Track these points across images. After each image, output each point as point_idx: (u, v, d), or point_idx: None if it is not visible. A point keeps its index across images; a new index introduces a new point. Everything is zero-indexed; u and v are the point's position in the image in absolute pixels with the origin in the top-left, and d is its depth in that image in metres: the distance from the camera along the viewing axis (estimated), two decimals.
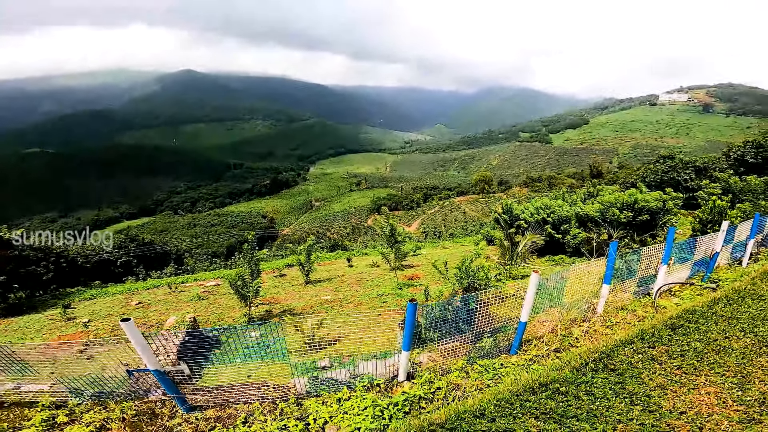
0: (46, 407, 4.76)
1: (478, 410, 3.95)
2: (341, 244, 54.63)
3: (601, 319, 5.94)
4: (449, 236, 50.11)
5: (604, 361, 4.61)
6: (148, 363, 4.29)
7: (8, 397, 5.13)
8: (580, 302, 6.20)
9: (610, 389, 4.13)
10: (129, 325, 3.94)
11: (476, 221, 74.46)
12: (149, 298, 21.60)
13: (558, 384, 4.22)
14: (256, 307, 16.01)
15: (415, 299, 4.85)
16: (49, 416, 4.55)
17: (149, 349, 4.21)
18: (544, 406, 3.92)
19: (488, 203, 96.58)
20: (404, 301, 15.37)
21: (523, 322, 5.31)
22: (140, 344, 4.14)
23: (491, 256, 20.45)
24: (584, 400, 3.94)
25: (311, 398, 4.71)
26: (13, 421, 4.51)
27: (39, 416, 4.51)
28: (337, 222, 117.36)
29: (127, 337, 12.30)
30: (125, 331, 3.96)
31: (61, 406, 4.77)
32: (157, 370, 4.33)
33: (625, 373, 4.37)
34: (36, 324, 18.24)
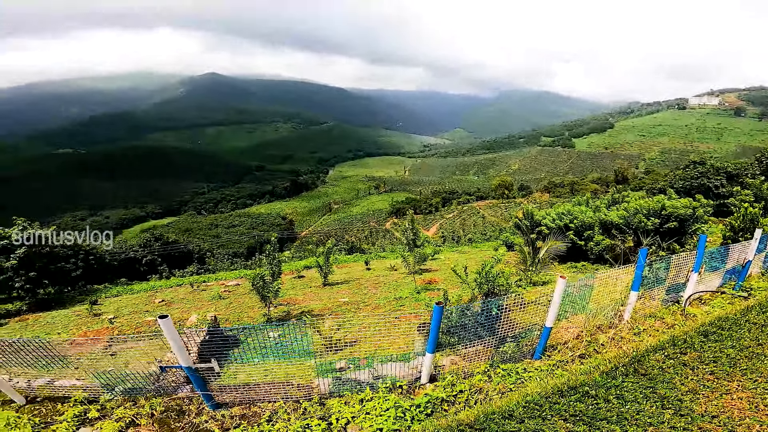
0: (79, 402, 4.85)
1: (506, 411, 3.99)
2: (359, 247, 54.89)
3: (628, 326, 5.88)
4: (468, 241, 49.67)
5: (635, 365, 4.62)
6: (181, 360, 4.35)
7: (41, 392, 5.24)
8: (607, 309, 6.16)
9: (641, 393, 4.13)
10: (166, 322, 4.02)
11: (495, 226, 73.59)
12: (172, 296, 22.16)
13: (587, 387, 4.25)
14: (275, 308, 16.22)
15: (442, 302, 4.88)
16: (81, 411, 4.63)
17: (183, 347, 4.29)
18: (573, 408, 3.94)
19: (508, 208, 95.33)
20: (422, 305, 15.31)
21: (548, 328, 5.28)
22: (175, 341, 4.20)
23: (511, 262, 20.16)
24: (614, 403, 3.97)
25: (334, 398, 4.75)
26: (46, 416, 4.62)
27: (71, 411, 4.61)
28: (356, 225, 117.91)
29: (149, 335, 12.58)
30: (162, 328, 4.02)
31: (93, 402, 4.85)
32: (189, 367, 4.40)
33: (657, 378, 4.37)
34: (63, 319, 18.94)
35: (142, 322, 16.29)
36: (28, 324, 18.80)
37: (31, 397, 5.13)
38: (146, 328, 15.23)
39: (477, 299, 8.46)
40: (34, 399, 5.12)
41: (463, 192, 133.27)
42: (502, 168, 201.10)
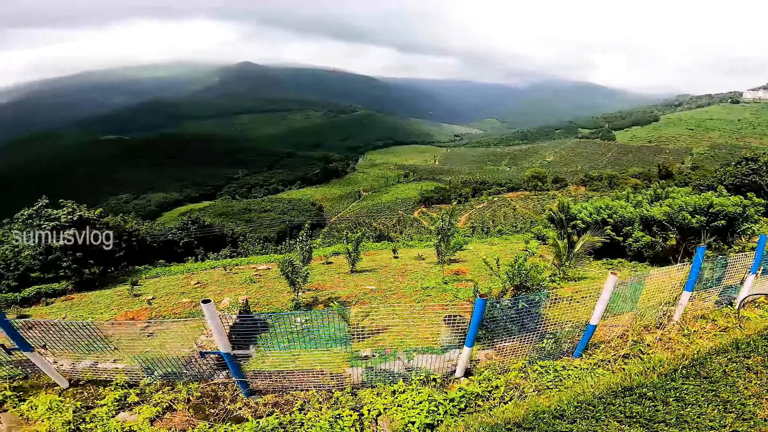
0: (120, 386, 4.95)
1: (557, 411, 3.91)
2: (387, 235, 55.03)
3: (677, 327, 5.63)
4: (497, 233, 48.68)
5: (696, 368, 4.50)
6: (220, 345, 4.37)
7: (84, 374, 5.33)
8: (656, 308, 5.91)
9: (702, 396, 4.03)
10: (209, 306, 4.03)
11: (527, 219, 71.76)
12: (206, 278, 23.01)
13: (645, 389, 4.15)
14: (303, 293, 16.48)
15: (486, 295, 4.78)
16: (121, 395, 4.73)
17: (224, 332, 4.30)
18: (630, 410, 3.86)
19: (541, 201, 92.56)
20: (449, 295, 15.13)
21: (593, 325, 5.09)
22: (216, 326, 4.21)
23: (544, 256, 19.56)
24: (673, 405, 3.89)
25: (366, 388, 4.74)
26: (87, 399, 4.73)
27: (112, 395, 4.71)
28: (384, 213, 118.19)
29: (184, 319, 13.01)
30: (204, 312, 4.04)
31: (133, 385, 4.96)
32: (228, 353, 4.43)
33: (719, 381, 4.25)
34: (106, 299, 20.03)
35: (178, 303, 16.99)
36: (73, 303, 20.02)
37: (74, 380, 5.26)
38: (182, 310, 15.88)
39: (508, 292, 8.25)
40: (77, 382, 5.25)
41: (494, 183, 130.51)
42: (535, 159, 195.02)
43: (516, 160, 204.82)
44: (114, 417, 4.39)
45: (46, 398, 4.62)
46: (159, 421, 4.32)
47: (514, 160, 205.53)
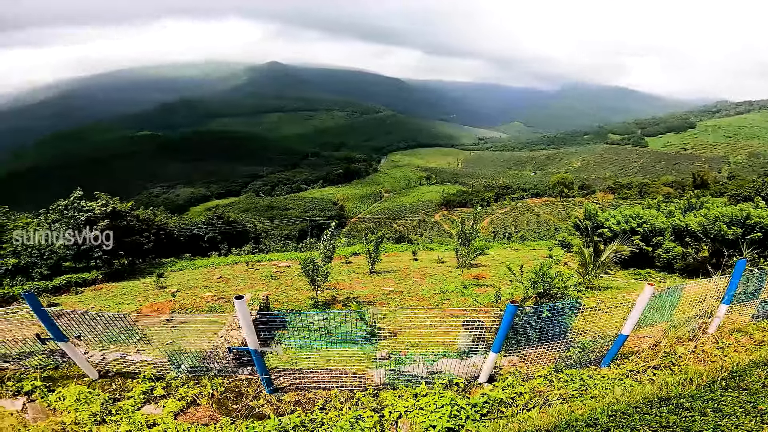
0: (147, 379, 4.99)
1: (590, 419, 3.89)
2: (407, 237, 54.89)
3: (712, 340, 5.53)
4: (519, 238, 47.80)
5: (735, 380, 4.44)
6: (249, 342, 4.41)
7: (114, 366, 5.41)
8: (690, 320, 5.84)
9: (740, 408, 3.99)
10: (242, 303, 4.05)
11: (550, 225, 70.12)
12: (229, 273, 23.54)
13: (683, 399, 4.13)
14: (322, 292, 16.61)
15: (517, 301, 4.74)
16: (148, 388, 4.79)
17: (253, 329, 4.33)
18: (666, 420, 3.84)
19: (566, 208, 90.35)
20: (468, 300, 14.94)
21: (624, 335, 5.00)
22: (246, 323, 4.25)
23: (569, 264, 19.10)
24: (711, 416, 3.87)
25: (388, 390, 4.71)
26: (115, 391, 4.79)
27: (139, 388, 4.77)
28: (405, 215, 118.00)
29: (205, 312, 13.22)
30: (236, 308, 4.09)
31: (160, 379, 5.01)
32: (255, 349, 4.45)
33: (758, 393, 4.20)
34: (133, 290, 20.73)
35: (201, 297, 17.42)
36: (102, 293, 20.79)
37: (103, 372, 5.30)
38: (204, 304, 16.27)
39: (530, 300, 8.09)
40: (106, 373, 5.29)
41: (518, 188, 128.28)
42: (562, 165, 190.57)
43: (541, 165, 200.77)
44: (139, 410, 4.45)
45: (75, 389, 4.69)
46: (182, 415, 4.38)
47: (540, 165, 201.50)
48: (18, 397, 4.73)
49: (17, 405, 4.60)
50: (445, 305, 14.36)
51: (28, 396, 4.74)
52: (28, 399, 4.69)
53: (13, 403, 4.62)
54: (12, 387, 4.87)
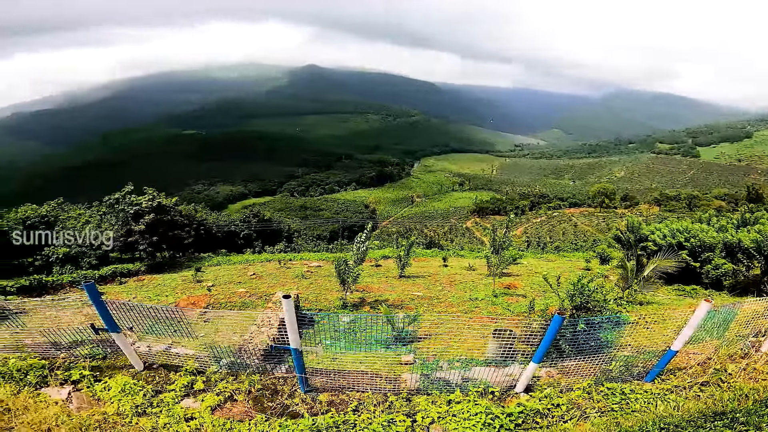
0: (189, 372, 5.08)
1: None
2: (438, 243, 54.36)
3: (765, 358, 5.31)
4: (554, 249, 46.20)
5: None
6: (291, 341, 4.45)
7: (158, 358, 5.50)
8: (742, 338, 5.67)
9: None
10: (289, 302, 4.13)
11: (588, 237, 67.37)
12: (262, 270, 24.19)
13: (738, 414, 4.07)
14: (351, 293, 16.73)
15: (564, 312, 4.64)
16: (189, 382, 4.88)
17: (296, 328, 4.38)
18: None
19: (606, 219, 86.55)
20: (499, 308, 14.59)
21: (674, 351, 4.86)
22: (291, 322, 4.31)
23: (609, 277, 18.32)
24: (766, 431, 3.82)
25: (421, 395, 4.69)
26: (158, 384, 4.91)
27: (181, 381, 4.86)
28: (436, 220, 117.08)
29: (239, 307, 13.55)
30: (284, 307, 4.17)
31: (200, 373, 5.10)
32: (297, 348, 4.50)
33: None
34: (172, 282, 21.68)
35: (235, 292, 17.98)
36: (143, 284, 21.89)
37: (148, 363, 5.38)
38: (237, 299, 16.79)
39: (566, 311, 7.81)
40: (151, 365, 5.37)
41: (555, 197, 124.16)
42: (603, 174, 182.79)
43: (581, 174, 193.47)
44: (178, 403, 4.54)
45: (121, 380, 4.81)
46: (219, 410, 4.46)
47: (579, 174, 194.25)
48: (64, 386, 4.83)
49: (63, 394, 4.70)
50: (475, 313, 14.09)
51: (74, 385, 4.84)
52: (74, 388, 4.80)
53: (59, 392, 4.72)
54: (61, 375, 4.98)
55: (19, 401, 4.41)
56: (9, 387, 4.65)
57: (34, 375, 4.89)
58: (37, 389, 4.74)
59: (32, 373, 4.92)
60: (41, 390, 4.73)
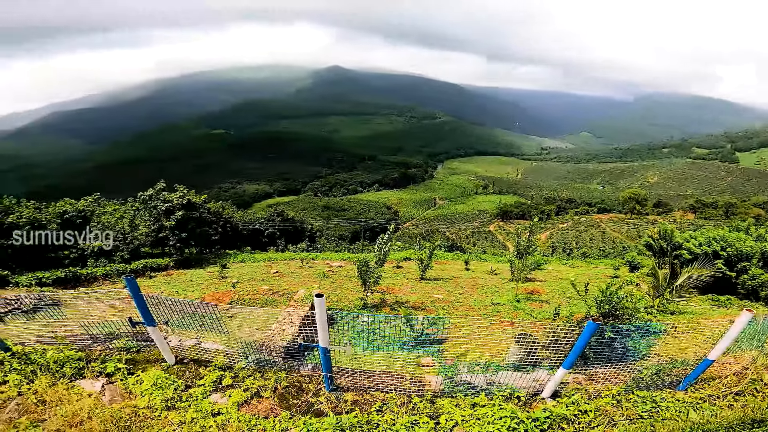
0: (218, 368, 5.18)
1: None
2: (459, 246, 53.85)
3: None
4: (581, 255, 44.91)
5: None
6: (320, 340, 4.50)
7: (189, 352, 5.63)
8: None
9: None
10: (321, 301, 4.20)
11: (617, 244, 65.11)
12: (284, 268, 24.57)
13: None
14: (371, 294, 16.78)
15: (599, 319, 4.57)
16: (218, 377, 4.97)
17: (327, 327, 4.42)
18: None
19: (637, 226, 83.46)
20: (521, 314, 14.31)
21: (710, 360, 4.76)
22: (322, 321, 4.36)
23: (640, 285, 17.73)
24: None
25: (445, 398, 4.68)
26: (188, 378, 5.02)
27: (210, 376, 4.97)
28: (458, 223, 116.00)
29: (261, 304, 13.77)
30: (316, 306, 4.24)
31: (229, 368, 5.20)
32: (326, 348, 4.55)
33: None
34: (198, 278, 22.28)
35: (258, 289, 18.34)
36: (172, 279, 22.58)
37: (179, 358, 5.49)
38: (260, 296, 17.13)
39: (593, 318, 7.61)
40: (182, 360, 5.46)
41: (583, 202, 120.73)
42: (635, 179, 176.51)
43: (611, 179, 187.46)
44: (207, 398, 4.62)
45: (153, 374, 4.93)
46: (246, 406, 4.53)
47: (609, 179, 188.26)
48: (99, 378, 4.94)
49: (96, 386, 4.80)
50: (496, 318, 13.87)
51: (108, 378, 4.95)
52: (107, 381, 4.90)
53: (93, 384, 4.83)
54: (96, 368, 5.10)
55: (53, 393, 4.53)
56: (45, 378, 4.77)
57: (70, 367, 5.01)
58: (72, 381, 4.85)
59: (68, 365, 5.03)
60: (76, 382, 4.84)
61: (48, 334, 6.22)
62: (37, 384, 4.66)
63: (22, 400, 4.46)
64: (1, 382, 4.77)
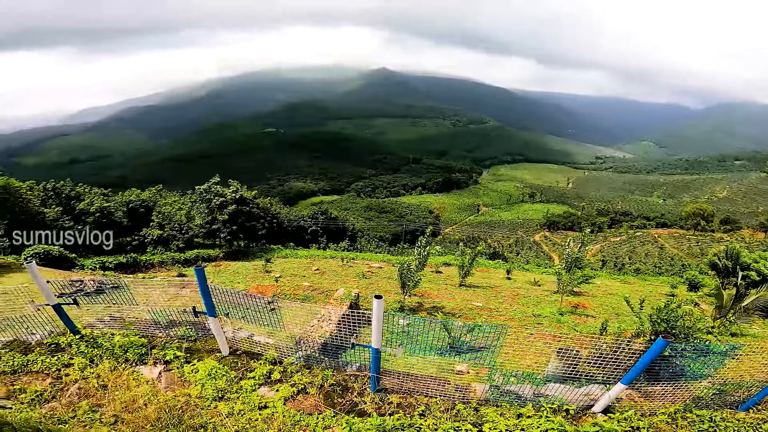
0: (268, 362, 5.26)
1: None
2: (502, 254, 52.42)
3: None
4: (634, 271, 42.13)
5: None
6: (373, 340, 4.55)
7: (242, 345, 5.74)
8: None
9: None
10: (380, 303, 4.30)
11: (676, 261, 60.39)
12: (325, 266, 25.20)
13: None
14: (409, 297, 16.82)
15: (670, 336, 4.42)
16: (267, 371, 5.08)
17: (381, 328, 4.47)
18: None
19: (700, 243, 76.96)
20: (564, 327, 13.74)
21: None
22: (378, 321, 4.43)
23: (701, 305, 16.46)
24: None
25: (490, 407, 4.63)
26: (239, 370, 5.16)
27: (260, 370, 5.09)
28: (502, 231, 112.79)
29: (302, 299, 14.22)
30: (374, 307, 4.33)
31: (278, 363, 5.32)
32: (377, 348, 4.60)
33: None
34: (244, 270, 23.35)
35: (299, 285, 18.96)
36: (220, 270, 23.78)
37: (233, 349, 5.59)
38: (301, 292, 17.70)
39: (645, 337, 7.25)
40: (235, 351, 5.57)
41: (640, 215, 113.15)
42: (702, 193, 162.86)
43: (674, 192, 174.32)
44: (255, 391, 4.75)
45: (208, 364, 5.10)
46: (292, 401, 4.63)
47: (672, 192, 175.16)
48: (157, 365, 5.11)
49: (154, 373, 4.96)
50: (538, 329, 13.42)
51: (166, 365, 5.13)
52: (165, 368, 5.08)
53: (151, 371, 4.99)
54: (156, 354, 5.28)
55: (115, 378, 4.76)
56: (108, 363, 5.01)
57: (133, 352, 5.25)
58: (133, 366, 5.05)
59: (131, 350, 5.28)
60: (137, 368, 5.04)
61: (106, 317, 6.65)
62: (100, 368, 4.91)
63: (84, 384, 4.68)
64: (67, 365, 5.03)
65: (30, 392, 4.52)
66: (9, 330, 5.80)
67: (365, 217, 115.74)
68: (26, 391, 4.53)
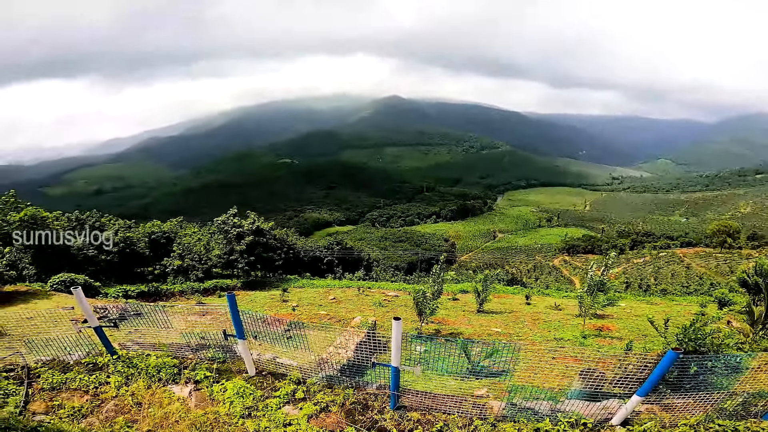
0: (292, 381, 5.46)
1: None
2: (520, 280, 51.40)
3: None
4: (660, 292, 40.63)
5: None
6: (394, 360, 4.69)
7: (267, 366, 5.98)
8: None
9: None
10: (398, 324, 4.48)
11: (704, 280, 58.01)
12: (341, 295, 25.19)
13: None
14: (426, 324, 16.62)
15: (680, 348, 4.40)
16: (291, 390, 5.25)
17: (400, 348, 4.61)
18: None
19: (728, 261, 74.05)
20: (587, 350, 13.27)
21: None
22: (397, 343, 4.56)
23: (732, 323, 15.80)
24: None
25: (507, 422, 4.63)
26: (265, 389, 5.36)
27: (285, 389, 5.22)
28: (519, 256, 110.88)
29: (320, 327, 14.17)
30: (393, 328, 4.50)
31: (301, 383, 5.51)
32: (397, 367, 4.72)
33: None
34: (262, 299, 23.56)
35: (316, 314, 18.97)
36: (238, 299, 24.05)
37: (258, 370, 5.83)
38: (318, 321, 17.69)
39: None
40: (260, 372, 5.81)
41: (663, 235, 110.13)
42: (725, 210, 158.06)
43: (696, 210, 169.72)
44: (280, 409, 4.90)
45: (236, 383, 5.31)
46: (315, 419, 4.73)
47: (694, 210, 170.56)
48: (188, 384, 5.36)
49: (185, 392, 5.22)
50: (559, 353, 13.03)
51: (196, 384, 5.39)
52: (195, 387, 5.34)
53: (182, 390, 5.26)
54: (187, 374, 5.54)
55: (149, 396, 5.03)
56: (142, 381, 5.31)
57: (165, 372, 5.54)
58: (165, 386, 5.35)
59: (164, 370, 5.57)
60: (168, 386, 5.34)
61: (129, 341, 7.03)
62: (134, 386, 5.19)
63: (120, 401, 4.95)
64: (104, 383, 5.33)
65: (68, 408, 4.79)
66: (48, 349, 6.17)
67: (380, 246, 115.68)
68: (65, 407, 4.83)
